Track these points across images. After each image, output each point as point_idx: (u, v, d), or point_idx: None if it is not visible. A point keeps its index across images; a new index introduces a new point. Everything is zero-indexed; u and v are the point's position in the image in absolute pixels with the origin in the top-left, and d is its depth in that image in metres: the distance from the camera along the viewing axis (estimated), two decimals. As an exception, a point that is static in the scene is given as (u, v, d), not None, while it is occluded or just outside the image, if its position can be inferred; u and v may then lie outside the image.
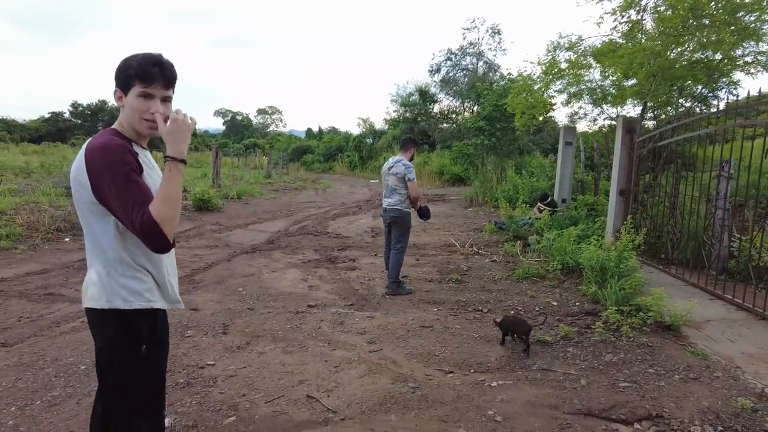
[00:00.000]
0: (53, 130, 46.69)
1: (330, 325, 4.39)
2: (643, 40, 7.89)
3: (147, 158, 1.78)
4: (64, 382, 3.25)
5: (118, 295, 1.66)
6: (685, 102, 10.95)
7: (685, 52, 7.87)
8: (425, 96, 28.67)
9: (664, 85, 7.87)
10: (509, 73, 16.58)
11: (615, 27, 8.39)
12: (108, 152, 1.56)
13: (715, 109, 5.70)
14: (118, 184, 1.52)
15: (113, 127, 1.72)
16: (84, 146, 1.63)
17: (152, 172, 1.76)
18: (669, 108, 10.76)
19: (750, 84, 30.87)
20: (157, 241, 1.54)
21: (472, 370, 3.48)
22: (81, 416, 2.82)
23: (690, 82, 8.34)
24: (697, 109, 10.34)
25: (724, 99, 11.34)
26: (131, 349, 1.71)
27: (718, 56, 7.88)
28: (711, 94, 11.41)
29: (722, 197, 5.56)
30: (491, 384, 3.26)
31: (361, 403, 3.00)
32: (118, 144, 1.60)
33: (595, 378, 3.34)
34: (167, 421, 2.76)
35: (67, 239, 8.06)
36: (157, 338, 1.82)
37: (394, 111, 31.31)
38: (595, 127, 13.96)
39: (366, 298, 5.23)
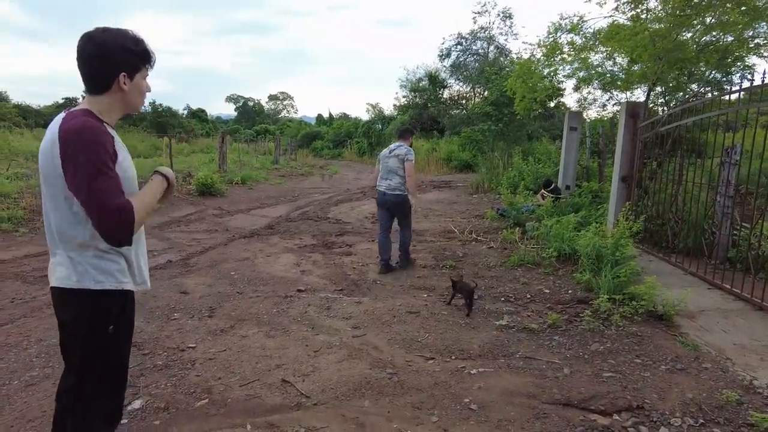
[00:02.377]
0: (67, 116, 47.09)
1: (317, 309, 4.36)
2: (647, 21, 7.62)
3: (117, 137, 1.71)
4: (43, 362, 3.27)
5: (88, 275, 1.64)
6: (697, 87, 10.63)
7: (695, 34, 7.59)
8: (435, 81, 28.29)
9: (671, 68, 7.61)
10: (519, 58, 16.24)
11: (617, 7, 8.09)
12: (88, 138, 1.51)
13: (716, 93, 5.50)
14: (91, 172, 1.48)
15: (85, 107, 1.63)
16: (56, 124, 1.56)
17: (125, 152, 1.72)
18: (679, 93, 10.46)
19: (763, 67, 29.96)
20: (123, 234, 1.54)
21: (453, 357, 3.43)
22: (55, 397, 2.83)
23: (701, 65, 8.04)
24: (708, 95, 10.03)
25: (737, 84, 11.00)
26: (99, 329, 1.69)
27: (730, 38, 7.59)
28: (724, 79, 11.05)
29: (725, 184, 5.40)
30: (471, 371, 3.20)
31: (336, 388, 2.97)
32: (99, 130, 1.55)
33: (579, 367, 3.27)
34: (139, 403, 2.77)
35: (68, 222, 8.12)
36: (125, 319, 1.80)
37: (404, 96, 31.00)
38: (605, 113, 13.68)
39: (357, 283, 5.18)
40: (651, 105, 9.47)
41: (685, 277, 5.25)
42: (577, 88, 11.55)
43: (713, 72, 9.65)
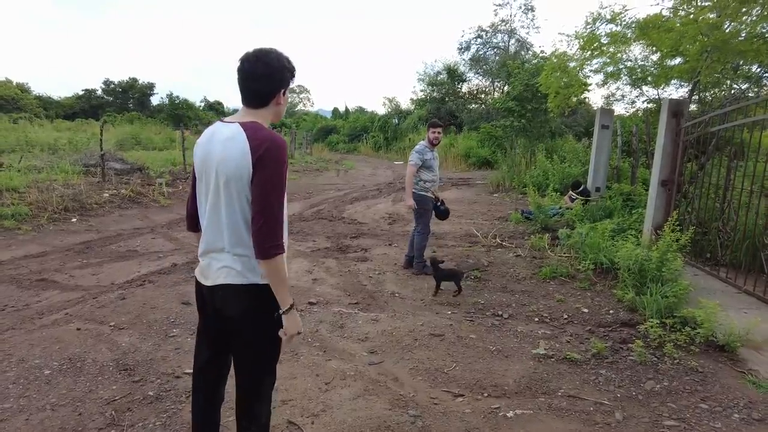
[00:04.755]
0: (86, 107, 47.29)
1: (329, 327, 3.94)
2: (695, 12, 7.00)
3: None
4: (21, 390, 2.90)
5: (256, 272, 1.78)
6: (735, 83, 9.93)
7: (744, 25, 6.94)
8: (453, 75, 27.66)
9: (721, 61, 6.98)
10: (542, 51, 15.59)
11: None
12: (284, 151, 1.69)
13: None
14: (280, 182, 1.68)
15: (257, 121, 1.75)
16: (239, 133, 1.67)
17: None
18: (715, 90, 9.77)
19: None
20: (274, 246, 1.68)
21: (485, 394, 2.97)
22: (26, 438, 2.45)
23: (749, 59, 7.39)
24: (750, 93, 9.34)
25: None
26: (267, 318, 1.82)
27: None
28: (766, 74, 10.33)
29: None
30: (507, 414, 2.75)
31: (350, 434, 2.54)
32: (286, 145, 1.72)
33: (633, 411, 2.79)
34: (120, 450, 2.38)
35: (74, 219, 7.84)
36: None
37: (421, 90, 30.42)
38: (633, 110, 12.99)
39: (373, 295, 4.75)
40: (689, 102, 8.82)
41: (739, 296, 4.70)
42: (603, 84, 10.94)
43: (756, 67, 8.98)
